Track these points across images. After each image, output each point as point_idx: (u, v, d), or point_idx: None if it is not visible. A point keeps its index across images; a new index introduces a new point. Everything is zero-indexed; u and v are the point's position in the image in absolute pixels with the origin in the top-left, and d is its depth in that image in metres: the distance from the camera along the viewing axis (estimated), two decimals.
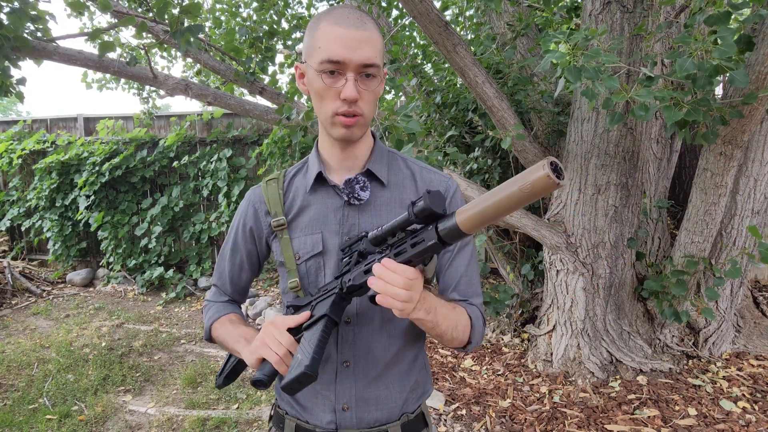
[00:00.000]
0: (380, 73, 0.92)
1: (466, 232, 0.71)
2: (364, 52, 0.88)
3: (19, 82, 2.98)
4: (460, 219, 0.70)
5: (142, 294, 5.56)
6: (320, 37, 0.89)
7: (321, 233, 1.00)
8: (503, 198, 0.64)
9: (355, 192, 0.98)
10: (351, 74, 0.88)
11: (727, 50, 1.75)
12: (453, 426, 2.65)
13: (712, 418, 2.52)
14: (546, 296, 3.24)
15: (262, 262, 1.14)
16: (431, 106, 3.75)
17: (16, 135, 6.28)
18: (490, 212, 0.67)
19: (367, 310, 0.98)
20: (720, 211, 2.75)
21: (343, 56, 0.87)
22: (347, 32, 0.87)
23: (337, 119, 0.92)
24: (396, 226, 0.80)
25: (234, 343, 1.01)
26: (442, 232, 0.73)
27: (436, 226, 0.74)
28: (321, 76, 0.90)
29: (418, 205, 0.74)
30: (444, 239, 0.73)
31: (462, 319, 0.97)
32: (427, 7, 2.46)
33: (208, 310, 1.14)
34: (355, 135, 0.95)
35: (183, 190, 5.70)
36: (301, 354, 0.84)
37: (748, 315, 3.42)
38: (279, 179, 1.07)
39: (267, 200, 1.05)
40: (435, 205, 0.72)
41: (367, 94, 0.91)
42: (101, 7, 2.84)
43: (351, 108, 0.90)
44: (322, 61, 0.88)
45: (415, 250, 0.76)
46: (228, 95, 3.76)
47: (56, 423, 2.89)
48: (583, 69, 1.83)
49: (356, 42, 0.87)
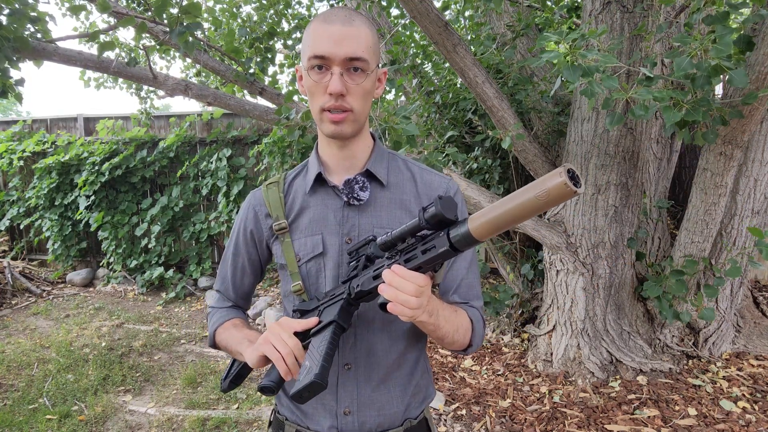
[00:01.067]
0: (370, 68, 0.92)
1: (479, 240, 0.70)
2: (349, 47, 0.88)
3: (18, 83, 2.97)
4: (472, 226, 0.69)
5: (142, 294, 5.56)
6: (309, 36, 0.91)
7: (321, 234, 0.99)
8: (518, 206, 0.63)
9: (355, 192, 0.98)
10: (337, 68, 0.89)
11: (724, 49, 1.75)
12: (453, 426, 2.65)
13: (712, 418, 2.52)
14: (546, 296, 3.24)
15: (264, 266, 1.13)
16: (431, 106, 3.75)
17: (16, 135, 6.28)
18: (504, 220, 0.66)
19: (368, 312, 0.97)
20: (720, 211, 2.75)
21: (328, 51, 0.88)
22: (332, 28, 0.88)
23: (325, 115, 0.92)
24: (406, 231, 0.78)
25: (237, 345, 1.00)
26: (454, 239, 0.72)
27: (448, 232, 0.73)
28: (309, 73, 0.91)
29: (429, 211, 0.73)
30: (456, 246, 0.72)
31: (463, 322, 0.97)
32: (427, 7, 2.46)
33: (212, 316, 1.13)
34: (346, 131, 0.94)
35: (183, 190, 5.70)
36: (309, 361, 0.82)
37: (748, 315, 3.42)
38: (279, 182, 1.06)
39: (267, 203, 1.05)
40: (447, 211, 0.71)
41: (355, 89, 0.91)
42: (100, 8, 2.84)
43: (338, 102, 0.90)
44: (309, 57, 0.90)
45: (426, 256, 0.75)
46: (228, 95, 3.76)
47: (56, 423, 2.89)
48: (581, 67, 1.83)
49: (341, 37, 0.88)
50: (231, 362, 1.07)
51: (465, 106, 3.62)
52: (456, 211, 0.74)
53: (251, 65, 3.61)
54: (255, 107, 3.70)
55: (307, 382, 0.79)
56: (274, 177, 1.10)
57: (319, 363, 0.80)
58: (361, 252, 0.91)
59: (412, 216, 1.00)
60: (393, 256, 0.82)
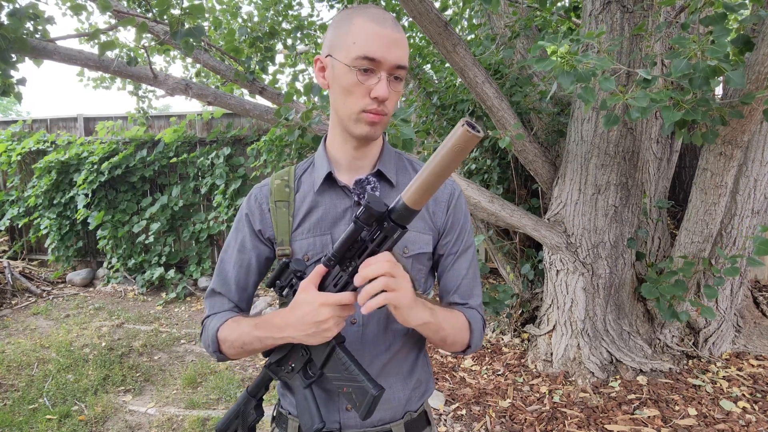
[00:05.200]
0: (406, 77, 0.92)
1: (417, 208, 0.73)
2: (398, 53, 0.88)
3: (20, 83, 2.98)
4: (406, 197, 0.73)
5: (142, 294, 5.56)
6: (356, 33, 0.88)
7: (330, 234, 0.99)
8: (438, 163, 0.69)
9: (366, 193, 0.97)
10: (384, 73, 0.88)
11: (720, 50, 1.75)
12: (453, 426, 2.65)
13: (712, 418, 2.52)
14: (546, 296, 3.24)
15: (269, 265, 1.09)
16: (430, 107, 3.76)
17: (16, 135, 6.28)
18: (430, 181, 0.70)
19: None
20: (720, 211, 2.75)
21: (380, 54, 0.86)
22: (384, 31, 0.87)
23: (363, 116, 0.91)
24: (347, 239, 0.80)
25: (263, 330, 0.93)
26: (396, 218, 0.75)
27: (389, 216, 0.76)
28: (354, 72, 0.88)
29: (361, 216, 0.76)
30: (402, 224, 0.76)
31: (461, 322, 0.98)
32: (427, 7, 2.46)
33: (209, 321, 1.05)
34: (377, 133, 0.94)
35: (183, 189, 5.70)
36: (351, 385, 0.87)
37: (748, 315, 3.42)
38: (290, 177, 1.04)
39: (275, 223, 1.02)
40: (377, 206, 0.75)
41: (393, 96, 0.91)
42: (101, 8, 2.84)
43: (380, 107, 0.90)
44: (357, 57, 0.87)
45: (384, 247, 0.79)
46: (228, 95, 3.75)
47: (56, 423, 2.89)
48: (576, 73, 1.83)
49: (392, 42, 0.87)
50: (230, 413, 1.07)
51: (463, 107, 3.62)
52: (383, 201, 0.77)
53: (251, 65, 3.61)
54: (255, 107, 3.69)
55: (369, 401, 0.84)
56: (282, 171, 1.07)
57: (363, 379, 0.85)
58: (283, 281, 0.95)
59: (420, 217, 1.01)
60: (348, 265, 0.83)
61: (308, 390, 0.94)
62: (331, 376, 0.90)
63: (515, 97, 3.32)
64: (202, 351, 4.00)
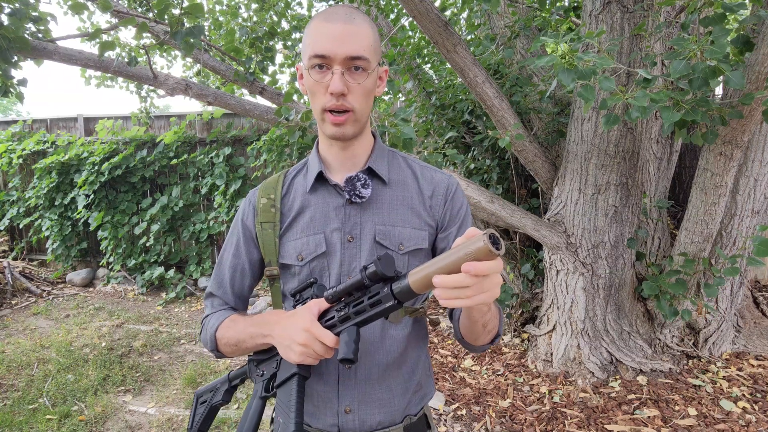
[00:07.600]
0: (371, 67, 0.91)
1: (417, 292, 0.75)
2: (350, 45, 0.88)
3: (21, 83, 2.98)
4: (412, 280, 0.74)
5: (142, 294, 5.56)
6: (310, 35, 0.90)
7: (323, 233, 0.99)
8: (449, 263, 0.69)
9: (357, 190, 0.97)
10: (338, 68, 0.88)
11: (720, 51, 1.75)
12: (453, 426, 2.65)
13: (712, 418, 2.52)
14: (546, 296, 3.24)
15: (264, 267, 1.09)
16: (429, 107, 3.75)
17: (16, 135, 6.28)
18: (437, 274, 0.72)
19: None
20: (720, 211, 2.75)
21: (329, 50, 0.87)
22: (334, 26, 0.88)
23: (326, 116, 0.92)
24: (351, 286, 0.82)
25: (255, 327, 0.95)
26: (397, 292, 0.76)
27: (391, 287, 0.77)
28: (309, 72, 0.90)
29: (369, 270, 0.77)
30: (399, 299, 0.77)
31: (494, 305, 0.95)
32: (427, 7, 2.46)
33: (207, 321, 1.08)
34: (347, 132, 0.94)
35: (183, 189, 5.70)
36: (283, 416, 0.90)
37: (748, 315, 3.42)
38: (277, 192, 1.05)
39: (262, 245, 1.03)
40: (386, 269, 0.76)
41: (356, 88, 0.90)
42: (101, 8, 2.84)
43: (339, 102, 0.89)
44: (310, 56, 0.89)
45: (374, 310, 0.80)
46: (228, 95, 3.75)
47: (56, 423, 2.89)
48: (576, 71, 1.83)
49: (342, 35, 0.87)
50: (193, 409, 1.07)
51: (463, 107, 3.62)
52: (395, 267, 0.78)
53: (251, 65, 3.61)
54: (255, 107, 3.70)
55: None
56: (274, 175, 1.08)
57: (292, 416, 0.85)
58: (304, 294, 0.95)
59: (415, 213, 1.01)
60: (342, 308, 0.84)
61: (260, 401, 0.94)
62: (280, 399, 0.91)
63: (515, 97, 3.32)
64: (202, 351, 4.00)
